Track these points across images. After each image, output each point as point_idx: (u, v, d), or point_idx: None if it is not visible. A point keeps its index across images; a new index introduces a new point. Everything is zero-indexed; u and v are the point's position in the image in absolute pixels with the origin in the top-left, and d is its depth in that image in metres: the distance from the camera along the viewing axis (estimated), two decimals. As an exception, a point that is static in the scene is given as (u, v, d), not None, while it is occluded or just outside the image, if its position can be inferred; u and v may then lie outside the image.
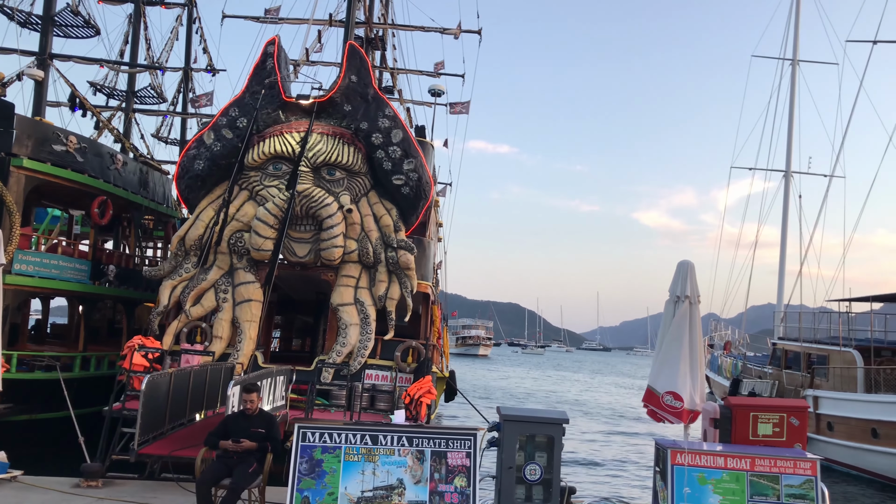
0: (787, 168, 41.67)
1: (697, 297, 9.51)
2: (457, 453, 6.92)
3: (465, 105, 31.40)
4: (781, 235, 41.79)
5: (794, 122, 41.49)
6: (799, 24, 41.63)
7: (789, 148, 41.64)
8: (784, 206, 41.68)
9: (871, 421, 19.58)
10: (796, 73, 41.57)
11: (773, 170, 42.36)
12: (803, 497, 7.07)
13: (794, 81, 41.58)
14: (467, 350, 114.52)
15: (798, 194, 40.99)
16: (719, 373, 35.84)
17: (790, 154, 41.54)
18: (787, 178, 41.66)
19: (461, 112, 31.99)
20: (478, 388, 46.05)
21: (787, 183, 41.56)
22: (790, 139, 41.65)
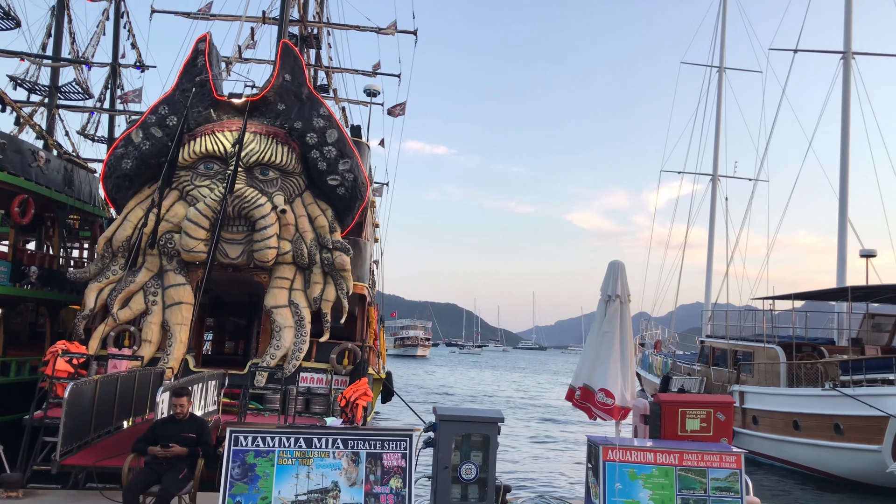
0: (714, 172, 43.06)
1: (628, 297, 9.74)
2: (392, 454, 6.90)
3: (401, 106, 31.37)
4: (709, 237, 43.18)
5: (721, 127, 42.93)
6: (725, 32, 43.05)
7: (716, 152, 43.04)
8: (711, 209, 43.07)
9: (792, 414, 20.36)
10: (723, 80, 43.00)
11: (701, 173, 43.74)
12: (728, 489, 7.29)
13: (721, 88, 43.01)
14: (405, 351, 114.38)
15: (725, 197, 42.43)
16: (650, 370, 36.73)
17: (717, 158, 42.95)
18: (714, 181, 43.04)
19: (399, 114, 31.95)
20: (416, 389, 46.04)
21: (715, 186, 42.94)
22: (717, 144, 43.05)
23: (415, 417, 16.15)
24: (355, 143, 18.37)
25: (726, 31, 43.04)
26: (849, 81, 29.26)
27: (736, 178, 43.23)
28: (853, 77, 29.29)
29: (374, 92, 27.53)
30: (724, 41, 43.14)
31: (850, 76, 29.28)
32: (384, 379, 20.88)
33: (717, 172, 42.98)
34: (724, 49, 43.19)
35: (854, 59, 29.54)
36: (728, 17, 43.08)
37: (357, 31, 28.48)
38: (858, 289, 22.73)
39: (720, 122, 42.92)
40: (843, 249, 28.49)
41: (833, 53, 30.10)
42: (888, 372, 18.41)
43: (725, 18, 43.09)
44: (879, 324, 24.34)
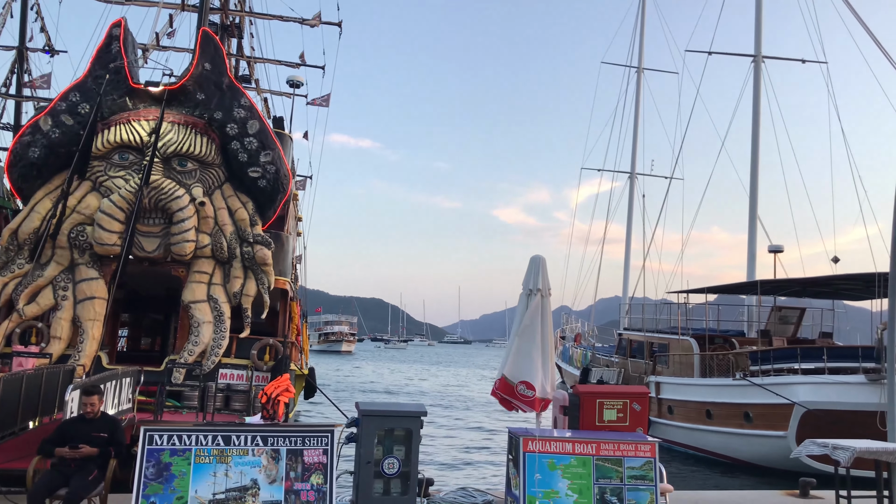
0: (632, 170, 44.28)
1: (549, 291, 9.90)
2: (313, 451, 6.82)
3: (325, 98, 31.00)
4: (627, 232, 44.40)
5: (639, 126, 44.14)
6: (644, 33, 44.25)
7: (634, 151, 44.25)
8: (629, 206, 44.30)
9: (705, 403, 21.15)
10: (641, 81, 44.20)
11: (620, 171, 44.93)
12: (643, 477, 7.52)
13: (639, 88, 44.21)
14: (330, 346, 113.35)
15: (642, 194, 43.71)
16: (570, 363, 37.52)
17: (635, 156, 44.17)
18: (632, 179, 44.26)
19: (321, 105, 31.56)
20: (340, 385, 45.71)
21: (632, 184, 44.17)
22: (635, 142, 44.25)
23: (338, 413, 16.04)
24: (277, 135, 18.06)
25: (645, 32, 44.30)
26: (759, 83, 30.52)
27: (653, 176, 44.61)
28: (763, 79, 30.58)
29: (297, 83, 27.12)
30: (642, 42, 44.38)
31: (761, 78, 30.55)
32: (307, 375, 20.65)
33: (635, 170, 44.23)
34: (642, 50, 44.43)
35: (764, 62, 30.82)
36: (646, 19, 44.35)
37: (280, 21, 27.97)
38: (767, 283, 23.77)
39: (638, 122, 44.17)
40: (752, 245, 29.77)
41: (744, 56, 31.34)
42: (793, 362, 19.35)
43: (644, 20, 44.33)
44: (786, 316, 25.54)
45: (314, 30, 28.06)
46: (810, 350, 19.84)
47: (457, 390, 46.86)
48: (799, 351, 19.67)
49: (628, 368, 26.85)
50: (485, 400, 39.20)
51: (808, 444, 10.74)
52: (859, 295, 23.83)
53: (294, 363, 19.06)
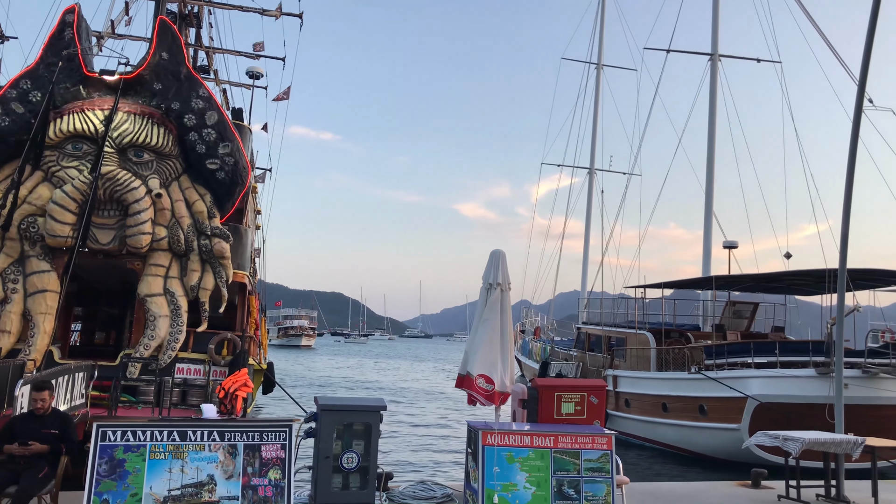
0: (591, 165, 44.73)
1: (508, 285, 9.95)
2: (271, 445, 6.77)
3: (285, 91, 30.68)
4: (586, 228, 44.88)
5: (599, 122, 44.61)
6: (603, 31, 44.66)
7: (593, 146, 44.71)
8: (588, 201, 44.75)
9: (661, 396, 21.51)
10: (601, 77, 44.63)
11: (579, 167, 45.36)
12: (600, 469, 7.63)
13: (599, 85, 44.65)
14: (289, 341, 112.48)
15: (601, 190, 44.20)
16: (530, 356, 37.81)
17: (594, 152, 44.63)
18: (591, 174, 44.73)
19: (283, 98, 31.23)
20: (299, 380, 45.40)
21: (591, 179, 44.64)
22: (594, 138, 44.72)
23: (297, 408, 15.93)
24: (237, 127, 17.82)
25: (604, 29, 44.72)
26: (715, 82, 31.06)
27: (612, 172, 45.13)
28: (720, 78, 31.13)
29: (257, 75, 26.79)
30: (601, 39, 44.80)
31: (717, 77, 31.09)
32: (265, 369, 20.47)
33: (594, 166, 44.70)
34: (601, 47, 44.86)
35: (720, 61, 31.37)
36: (606, 17, 44.81)
37: (240, 11, 27.57)
38: (721, 278, 24.25)
39: (598, 118, 44.64)
40: (708, 241, 30.33)
41: (702, 55, 31.86)
42: (747, 356, 19.79)
43: (603, 17, 44.76)
44: (740, 311, 26.09)
45: (275, 21, 27.73)
46: (763, 344, 20.31)
47: (417, 384, 46.90)
48: (752, 345, 20.12)
49: (586, 362, 27.16)
50: (444, 394, 39.32)
51: (760, 436, 11.01)
52: (810, 290, 24.46)
53: (252, 358, 18.87)
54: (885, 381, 18.22)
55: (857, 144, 12.53)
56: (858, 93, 12.61)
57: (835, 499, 10.66)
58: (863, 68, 12.49)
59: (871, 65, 12.53)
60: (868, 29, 12.23)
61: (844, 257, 12.87)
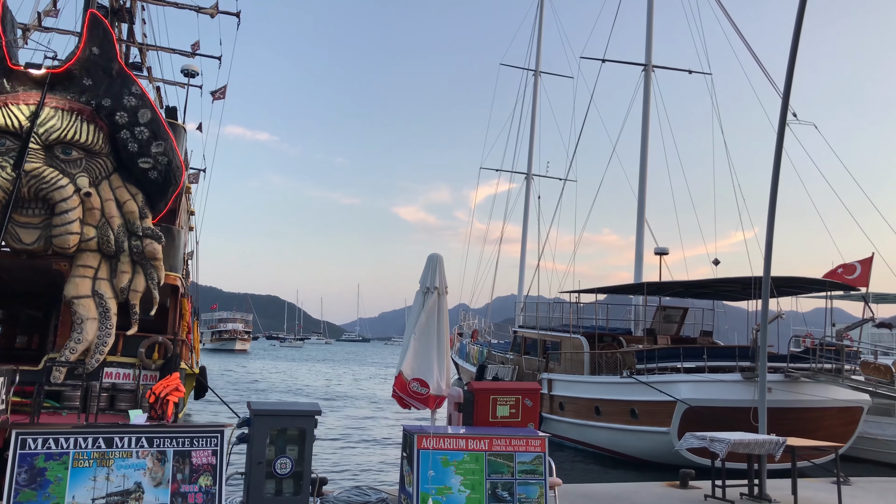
0: (528, 171, 45.31)
1: (445, 289, 10.02)
2: (202, 451, 6.64)
3: (221, 90, 30.13)
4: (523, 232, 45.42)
5: (536, 128, 45.20)
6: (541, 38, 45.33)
7: (531, 152, 45.28)
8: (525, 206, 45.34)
9: (594, 400, 21.90)
10: (538, 84, 45.27)
11: (517, 172, 45.89)
12: (533, 472, 7.73)
13: (536, 91, 45.28)
14: (223, 345, 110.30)
15: (538, 195, 44.79)
16: (467, 360, 38.00)
17: (531, 158, 45.21)
18: (528, 179, 45.30)
19: (218, 97, 30.66)
20: (233, 384, 44.56)
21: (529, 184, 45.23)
22: (532, 144, 45.29)
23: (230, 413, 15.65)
24: (170, 125, 17.40)
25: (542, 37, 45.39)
26: (648, 91, 31.85)
27: (548, 178, 45.77)
28: (652, 88, 31.94)
29: (192, 73, 26.23)
30: (539, 46, 45.46)
31: (650, 87, 31.89)
32: (198, 374, 20.05)
33: (532, 171, 45.28)
34: (539, 54, 45.51)
35: (654, 71, 32.19)
36: (544, 24, 45.46)
37: (175, 8, 26.98)
38: (653, 284, 24.86)
39: (535, 124, 45.22)
40: (640, 247, 31.05)
41: (635, 65, 32.63)
42: (676, 361, 20.33)
43: (542, 25, 45.40)
44: (670, 315, 26.80)
45: (211, 19, 27.22)
46: (692, 349, 20.89)
47: (353, 389, 46.59)
48: (681, 350, 20.68)
49: (522, 365, 27.45)
50: (380, 398, 39.18)
51: (689, 438, 11.34)
52: (737, 296, 25.29)
53: (184, 362, 18.45)
54: (806, 385, 18.97)
55: (781, 156, 13.05)
56: (782, 107, 13.13)
57: (757, 497, 11.06)
58: (786, 83, 13.01)
59: (795, 80, 13.07)
60: (791, 46, 12.75)
61: (769, 265, 13.37)
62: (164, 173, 16.52)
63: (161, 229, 16.70)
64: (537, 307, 29.51)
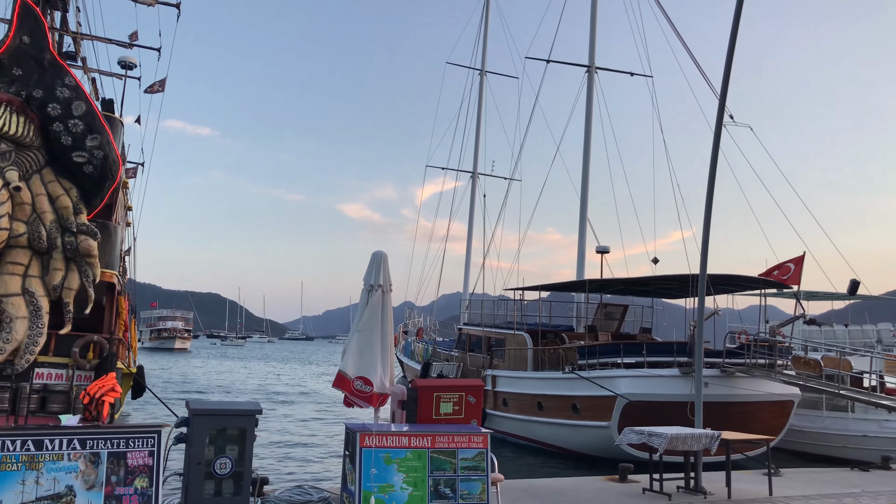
0: (474, 169, 45.55)
1: (390, 286, 9.99)
2: (138, 453, 6.49)
3: (160, 83, 29.40)
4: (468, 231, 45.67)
5: (482, 127, 45.47)
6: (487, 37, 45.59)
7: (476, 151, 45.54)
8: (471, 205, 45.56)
9: (537, 395, 22.14)
10: (484, 83, 45.53)
11: (463, 170, 46.09)
12: (476, 468, 7.78)
13: (482, 90, 45.55)
14: (163, 343, 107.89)
15: (483, 194, 45.06)
16: (412, 357, 38.01)
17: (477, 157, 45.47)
18: (474, 178, 45.53)
19: (157, 90, 29.92)
20: (172, 384, 43.62)
21: (474, 183, 45.46)
22: (477, 143, 45.56)
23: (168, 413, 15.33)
24: (107, 118, 16.91)
25: (488, 36, 45.66)
26: (591, 93, 32.33)
27: (493, 177, 46.07)
28: (595, 89, 32.43)
29: (129, 65, 25.54)
30: (485, 46, 45.72)
31: (594, 88, 32.38)
32: (135, 373, 19.57)
33: (477, 170, 45.54)
34: (485, 53, 45.79)
35: (597, 73, 32.69)
36: (490, 24, 45.75)
37: (112, -4, 26.19)
38: (594, 281, 25.27)
39: (481, 123, 45.48)
40: (582, 246, 31.51)
41: (579, 66, 33.08)
42: (616, 356, 20.70)
43: (488, 24, 45.68)
44: (610, 312, 27.28)
45: (150, 9, 26.56)
46: (632, 345, 21.31)
47: (295, 387, 46.11)
48: (622, 346, 21.07)
49: (467, 362, 27.58)
50: (323, 397, 38.88)
51: (628, 433, 11.57)
52: (675, 293, 25.89)
53: (121, 361, 17.99)
54: (741, 380, 19.55)
55: (718, 157, 13.40)
56: (719, 109, 13.49)
57: (693, 490, 11.35)
58: (723, 86, 13.38)
59: (732, 84, 13.44)
60: (728, 51, 13.11)
61: (705, 263, 13.73)
62: (100, 168, 16.05)
63: (97, 225, 16.22)
64: (482, 305, 29.71)
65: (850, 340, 27.05)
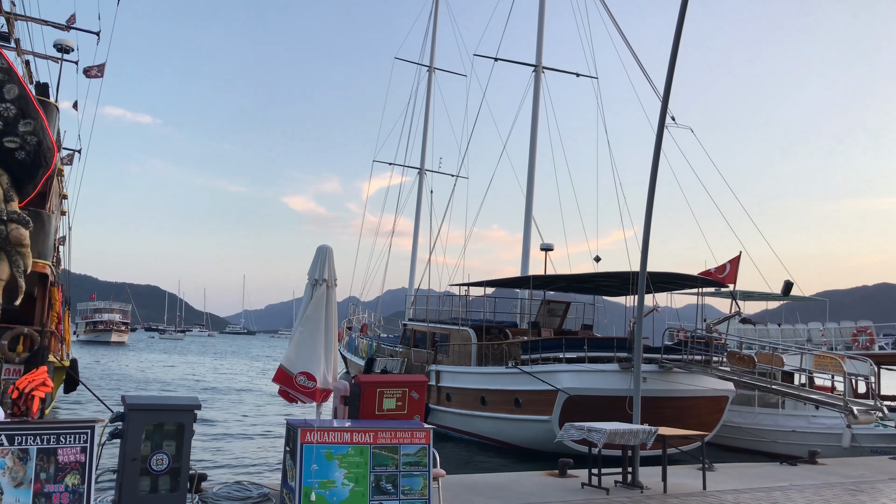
0: (421, 166, 45.54)
1: (335, 281, 9.90)
2: (70, 449, 6.29)
3: (100, 67, 28.52)
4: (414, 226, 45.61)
5: (429, 123, 45.47)
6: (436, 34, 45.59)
7: (424, 147, 45.54)
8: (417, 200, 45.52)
9: (480, 390, 22.30)
10: (432, 80, 45.53)
11: (410, 166, 46.02)
12: (417, 464, 7.79)
13: (430, 87, 45.53)
14: (98, 337, 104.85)
15: (430, 190, 45.09)
16: (356, 353, 37.85)
17: (424, 153, 45.47)
18: (421, 174, 45.53)
19: (96, 75, 29.00)
20: (109, 378, 42.47)
21: (421, 179, 45.46)
22: (425, 139, 45.56)
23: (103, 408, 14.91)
24: (41, 103, 16.32)
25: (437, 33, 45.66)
26: (538, 92, 32.65)
27: (440, 173, 46.14)
28: (542, 89, 32.75)
29: (66, 48, 24.74)
30: (434, 43, 45.71)
31: (540, 88, 32.69)
32: (68, 367, 18.99)
33: (424, 166, 45.53)
34: (434, 50, 45.78)
35: (544, 72, 33.00)
36: (439, 21, 45.73)
37: (48, -23, 25.29)
38: (538, 278, 25.55)
39: (429, 119, 45.47)
40: (527, 243, 31.83)
41: (526, 66, 33.34)
42: (559, 351, 20.98)
43: (437, 21, 45.67)
44: (553, 309, 27.63)
45: (89, -9, 25.68)
46: (573, 341, 21.63)
47: (236, 382, 45.42)
48: (564, 341, 21.37)
49: (411, 358, 27.59)
50: (264, 392, 38.40)
51: (569, 428, 11.74)
52: (616, 291, 26.38)
53: (53, 354, 17.45)
54: (678, 375, 20.03)
55: (660, 158, 13.68)
56: (661, 111, 13.77)
57: (630, 484, 11.59)
58: (665, 89, 13.65)
59: (676, 86, 13.72)
60: (671, 55, 13.38)
61: (645, 262, 14.01)
62: (33, 154, 15.49)
63: (29, 213, 15.65)
64: (427, 300, 29.73)
65: (783, 339, 27.98)
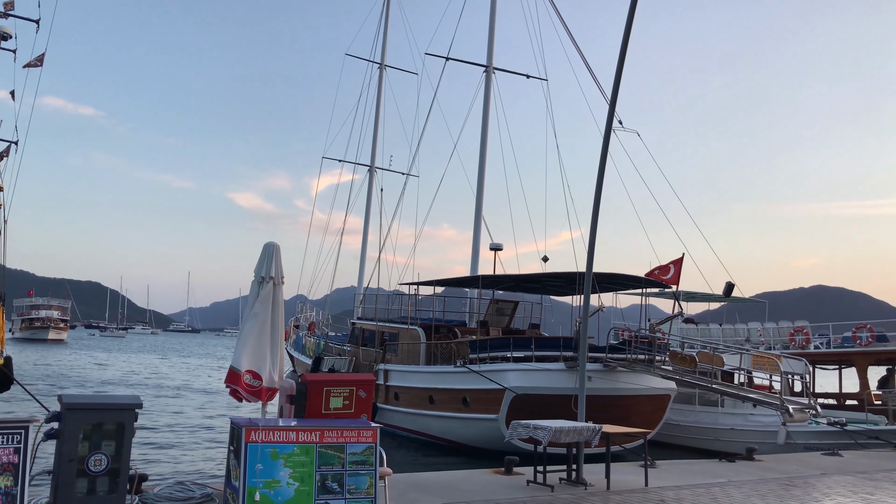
0: (371, 163, 45.37)
1: (282, 279, 9.80)
2: (2, 450, 6.10)
3: (39, 58, 27.62)
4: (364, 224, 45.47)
5: (380, 121, 45.33)
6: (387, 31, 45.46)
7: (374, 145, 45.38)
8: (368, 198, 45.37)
9: (429, 389, 22.33)
10: (383, 77, 45.38)
11: (360, 164, 45.80)
12: (364, 462, 7.76)
13: (381, 84, 45.37)
14: (35, 334, 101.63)
15: (380, 188, 44.91)
16: (303, 352, 37.49)
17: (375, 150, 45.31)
18: (371, 172, 45.36)
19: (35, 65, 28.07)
20: (45, 377, 41.21)
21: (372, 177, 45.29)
22: (375, 137, 45.40)
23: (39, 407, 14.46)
24: (-24, 92, 15.78)
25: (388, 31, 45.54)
26: (489, 92, 32.82)
27: (391, 171, 45.99)
28: (493, 89, 32.93)
29: (4, 35, 23.90)
30: (385, 39, 45.58)
31: (491, 88, 32.87)
32: (2, 365, 18.37)
33: (375, 164, 45.36)
34: (385, 47, 45.64)
35: (494, 73, 33.19)
36: (391, 18, 45.61)
37: (-14, -39, 24.36)
38: (487, 277, 25.70)
39: (379, 117, 45.32)
40: (477, 243, 31.98)
41: (477, 66, 33.49)
42: (506, 351, 21.15)
43: (388, 19, 45.55)
44: (502, 308, 27.84)
45: (29, -23, 24.85)
46: (521, 340, 21.83)
47: (179, 381, 44.55)
48: (511, 341, 21.54)
49: (360, 357, 27.46)
50: (207, 390, 37.77)
51: (516, 426, 11.85)
52: (563, 291, 26.70)
53: (-14, 352, 16.85)
54: (622, 374, 20.38)
55: (606, 161, 13.91)
56: (609, 115, 14.00)
57: (574, 481, 11.76)
58: (613, 92, 13.88)
59: (622, 90, 13.97)
60: (619, 57, 13.61)
61: (591, 262, 14.23)
62: (-32, 144, 14.96)
63: (-38, 206, 15.13)
64: (376, 299, 29.64)
65: (724, 338, 28.70)
